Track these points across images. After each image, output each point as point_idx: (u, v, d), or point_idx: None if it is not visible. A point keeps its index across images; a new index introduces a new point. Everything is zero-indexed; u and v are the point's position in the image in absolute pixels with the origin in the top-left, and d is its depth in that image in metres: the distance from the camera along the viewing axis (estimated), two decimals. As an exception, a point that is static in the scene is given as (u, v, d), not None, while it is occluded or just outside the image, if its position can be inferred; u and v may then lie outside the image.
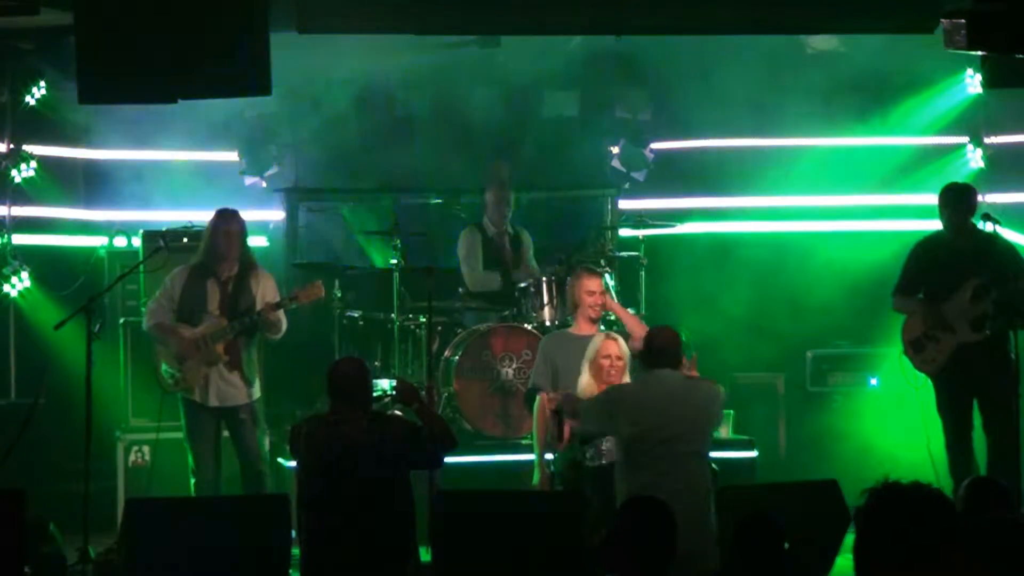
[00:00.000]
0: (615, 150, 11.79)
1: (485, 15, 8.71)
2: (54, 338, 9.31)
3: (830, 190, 11.72)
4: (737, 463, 9.71)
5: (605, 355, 8.31)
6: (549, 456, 8.67)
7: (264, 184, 11.35)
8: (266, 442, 9.18)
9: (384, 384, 9.56)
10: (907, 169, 11.75)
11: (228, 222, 9.06)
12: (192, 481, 8.98)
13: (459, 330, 10.36)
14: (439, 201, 11.84)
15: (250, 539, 7.44)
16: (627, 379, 8.36)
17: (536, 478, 8.66)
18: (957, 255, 8.95)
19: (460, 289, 10.74)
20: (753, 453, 9.96)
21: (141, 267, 9.62)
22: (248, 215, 9.47)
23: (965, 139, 11.86)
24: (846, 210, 11.75)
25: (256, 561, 7.39)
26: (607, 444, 8.05)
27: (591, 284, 8.93)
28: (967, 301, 8.85)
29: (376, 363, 10.27)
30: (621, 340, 8.43)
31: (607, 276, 9.95)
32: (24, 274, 10.57)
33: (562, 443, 8.29)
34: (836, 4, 9.02)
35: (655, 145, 11.81)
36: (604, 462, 8.02)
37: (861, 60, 11.03)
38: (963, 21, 8.21)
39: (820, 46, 11.07)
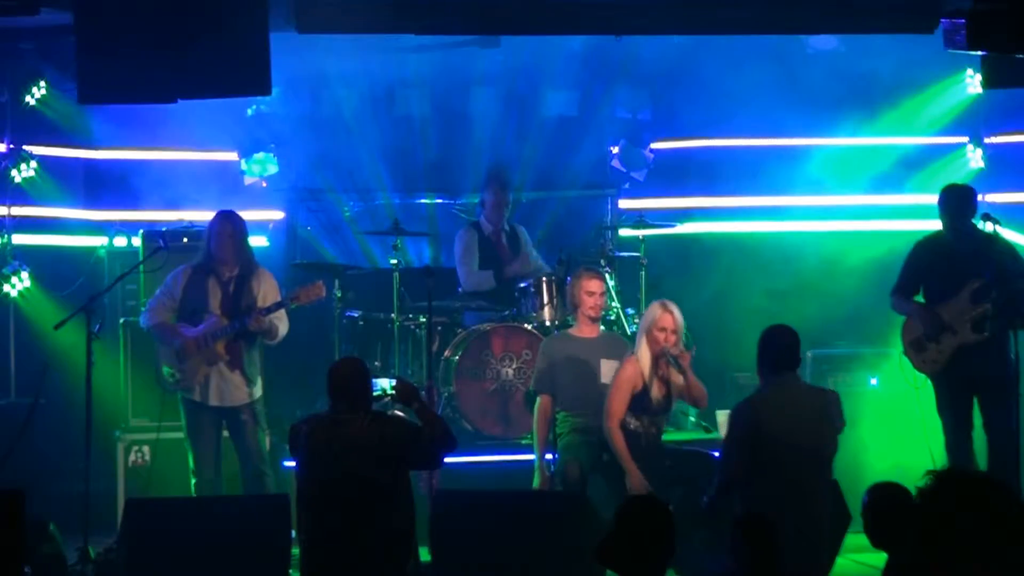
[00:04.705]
0: (615, 150, 11.80)
1: (485, 15, 8.71)
2: (54, 338, 9.31)
3: (830, 190, 11.72)
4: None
5: (660, 328, 8.33)
6: (549, 457, 8.69)
7: (264, 184, 11.35)
8: (266, 442, 9.18)
9: (384, 383, 9.55)
10: (907, 169, 11.75)
11: (224, 224, 9.07)
12: (192, 481, 8.98)
13: (459, 330, 10.36)
14: (439, 201, 11.84)
15: (250, 539, 7.46)
16: (681, 348, 8.38)
17: (536, 480, 8.67)
18: (957, 255, 8.93)
19: (460, 289, 10.74)
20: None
21: (141, 267, 9.62)
22: (248, 215, 9.47)
23: (965, 139, 11.86)
24: (846, 210, 11.75)
25: (256, 561, 7.40)
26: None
27: (591, 285, 8.93)
28: (967, 301, 8.84)
29: (376, 363, 10.27)
30: (676, 311, 8.44)
31: (607, 276, 9.96)
32: (24, 274, 10.57)
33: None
34: (836, 4, 9.02)
35: (655, 145, 11.82)
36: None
37: (861, 60, 11.03)
38: (963, 21, 8.22)
39: (820, 46, 11.07)
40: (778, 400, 7.16)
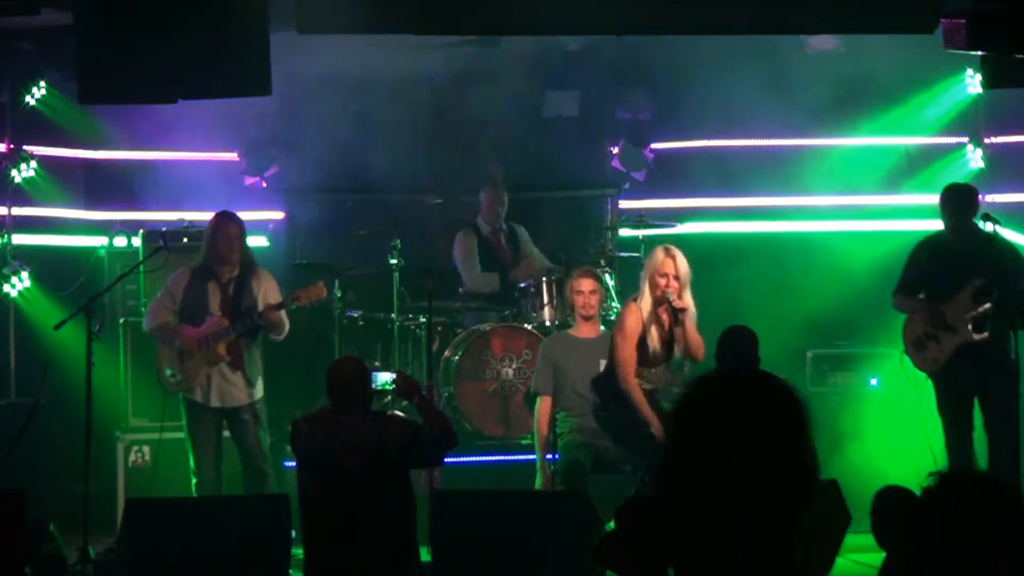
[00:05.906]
0: (615, 150, 11.79)
1: (485, 15, 8.70)
2: (54, 338, 9.31)
3: (830, 190, 11.72)
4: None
5: (662, 273, 8.26)
6: (550, 457, 8.70)
7: (264, 184, 11.35)
8: (267, 441, 9.18)
9: (384, 377, 9.53)
10: (907, 169, 11.75)
11: (227, 224, 9.08)
12: (193, 481, 8.98)
13: (459, 330, 10.36)
14: (439, 201, 11.84)
15: (250, 539, 7.46)
16: (687, 298, 8.26)
17: (539, 481, 8.67)
18: (958, 255, 8.94)
19: (460, 289, 10.74)
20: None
21: (141, 267, 9.63)
22: (248, 215, 9.48)
23: (965, 139, 11.86)
24: (846, 210, 11.75)
25: (256, 561, 7.40)
26: None
27: (580, 284, 8.97)
28: (968, 301, 8.85)
29: (376, 363, 10.25)
30: (680, 257, 8.32)
31: (607, 276, 9.96)
32: (24, 274, 10.57)
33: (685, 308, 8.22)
34: (836, 4, 9.01)
35: (655, 145, 11.81)
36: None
37: (861, 60, 11.02)
38: (963, 21, 8.21)
39: (820, 46, 11.07)
40: None
